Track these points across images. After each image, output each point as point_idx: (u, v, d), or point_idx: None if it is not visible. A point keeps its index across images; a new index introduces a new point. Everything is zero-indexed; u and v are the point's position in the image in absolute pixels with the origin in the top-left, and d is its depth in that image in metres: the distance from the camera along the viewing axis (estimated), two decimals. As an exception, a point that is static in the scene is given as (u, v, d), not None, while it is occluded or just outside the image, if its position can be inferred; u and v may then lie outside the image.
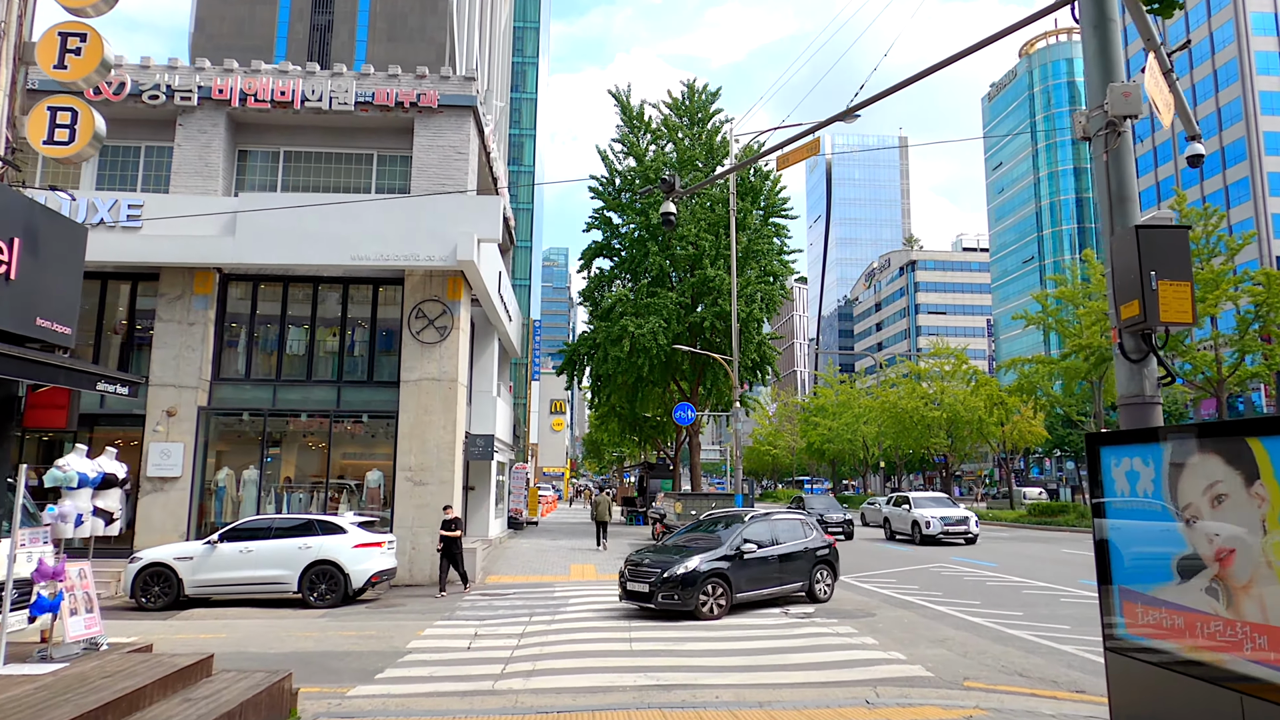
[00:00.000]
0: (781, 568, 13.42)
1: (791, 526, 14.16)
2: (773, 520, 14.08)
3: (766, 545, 13.35)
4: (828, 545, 14.32)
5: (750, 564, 12.90)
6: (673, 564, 12.44)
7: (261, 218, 17.57)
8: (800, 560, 13.69)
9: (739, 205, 28.61)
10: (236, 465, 18.29)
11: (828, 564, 14.13)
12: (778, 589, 13.32)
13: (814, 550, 13.99)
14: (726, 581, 12.45)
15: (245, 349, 18.87)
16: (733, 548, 12.86)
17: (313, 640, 11.23)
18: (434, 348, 18.22)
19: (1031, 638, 10.70)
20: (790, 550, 13.67)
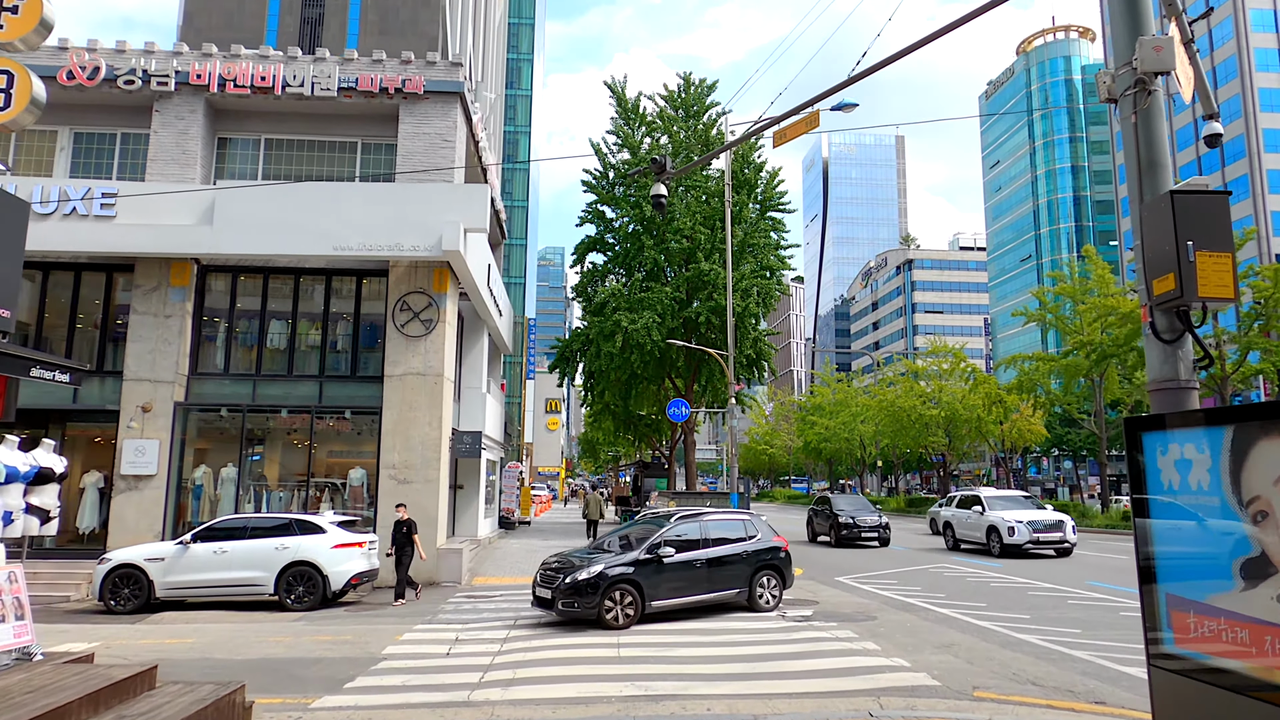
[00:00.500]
0: (711, 573, 12.26)
1: (731, 527, 12.95)
2: (705, 520, 12.82)
3: (693, 548, 12.24)
4: (775, 549, 13.05)
5: (670, 569, 11.82)
6: (578, 568, 11.51)
7: (240, 207, 16.97)
8: (737, 565, 12.50)
9: (735, 199, 28.04)
10: (215, 463, 17.68)
11: (774, 570, 12.83)
12: (705, 596, 12.17)
13: (756, 554, 12.73)
14: (637, 588, 11.44)
15: (224, 343, 18.26)
16: (648, 551, 11.79)
17: (284, 646, 10.63)
18: (419, 341, 17.63)
19: (1041, 643, 10.14)
20: (724, 554, 12.47)
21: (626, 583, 11.46)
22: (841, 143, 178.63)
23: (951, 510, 24.72)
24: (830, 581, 16.96)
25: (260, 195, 17.22)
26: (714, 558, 12.39)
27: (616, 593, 11.37)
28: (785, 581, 13.04)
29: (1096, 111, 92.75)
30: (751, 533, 13.03)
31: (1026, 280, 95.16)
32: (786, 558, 13.20)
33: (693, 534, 12.47)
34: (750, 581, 12.58)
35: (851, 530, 24.92)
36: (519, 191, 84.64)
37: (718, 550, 12.49)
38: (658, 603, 11.69)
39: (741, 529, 13.03)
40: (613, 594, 11.34)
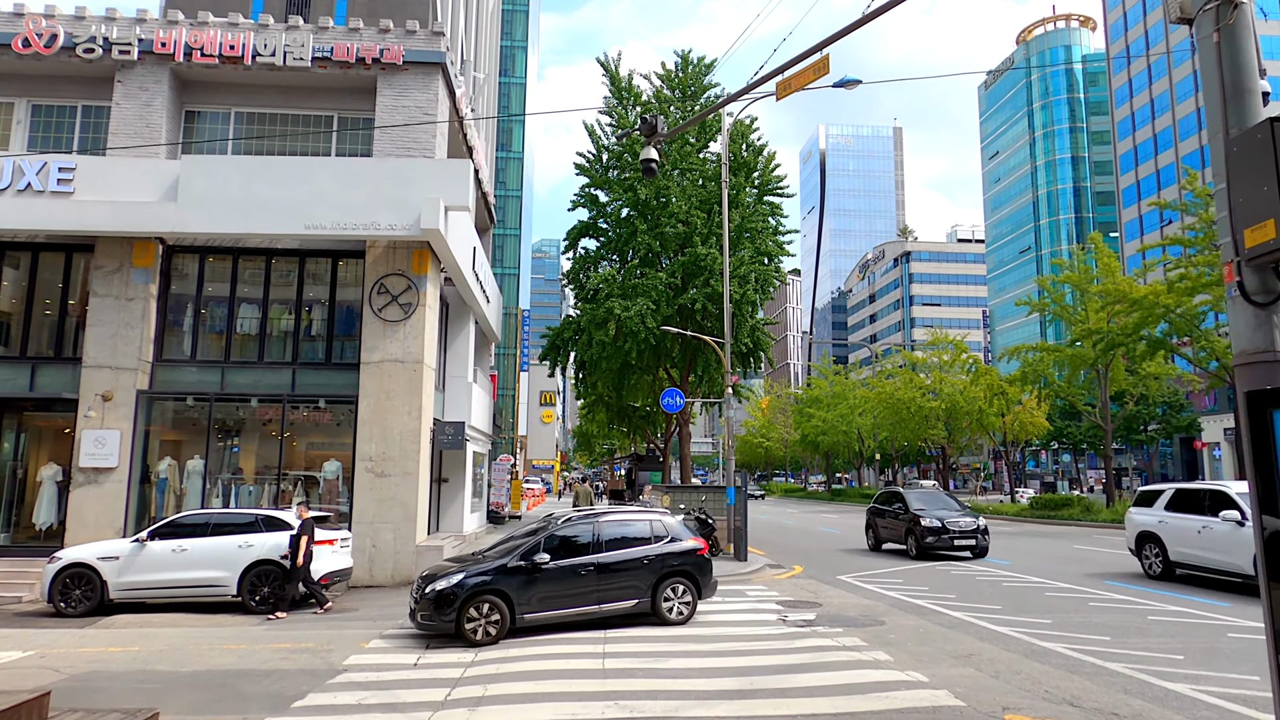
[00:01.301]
0: (602, 581, 10.73)
1: (635, 528, 11.36)
2: (603, 521, 11.26)
3: (582, 552, 10.82)
4: (689, 552, 11.32)
5: (548, 577, 10.46)
6: (439, 577, 10.33)
7: (206, 183, 15.93)
8: (636, 571, 10.93)
9: (732, 181, 27.02)
10: (180, 455, 16.69)
11: (685, 576, 11.16)
12: (594, 608, 10.68)
13: (663, 558, 11.09)
14: (505, 599, 10.19)
15: (191, 328, 17.24)
16: (522, 557, 10.50)
17: (236, 655, 9.67)
18: (397, 326, 16.63)
19: (1069, 652, 9.21)
20: (620, 559, 10.92)
21: (492, 593, 10.18)
22: (839, 134, 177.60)
23: (1174, 517, 16.97)
24: (832, 580, 16.05)
25: (228, 171, 16.18)
26: (606, 563, 10.82)
27: (479, 604, 10.09)
28: (700, 590, 11.28)
29: (1097, 101, 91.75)
30: (661, 534, 11.36)
31: (1026, 272, 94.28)
32: (702, 562, 11.43)
33: (583, 536, 10.98)
34: (654, 590, 10.95)
35: (940, 537, 19.28)
36: (513, 181, 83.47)
37: (613, 555, 10.91)
38: (531, 615, 10.36)
39: (648, 529, 11.37)
40: (475, 606, 10.08)
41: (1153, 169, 72.11)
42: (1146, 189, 72.64)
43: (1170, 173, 69.21)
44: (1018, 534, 28.00)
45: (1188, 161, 66.92)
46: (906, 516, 20.32)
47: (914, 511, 20.11)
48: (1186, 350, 30.23)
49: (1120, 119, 76.99)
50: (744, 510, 18.62)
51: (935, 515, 19.73)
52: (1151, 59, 73.05)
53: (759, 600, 13.31)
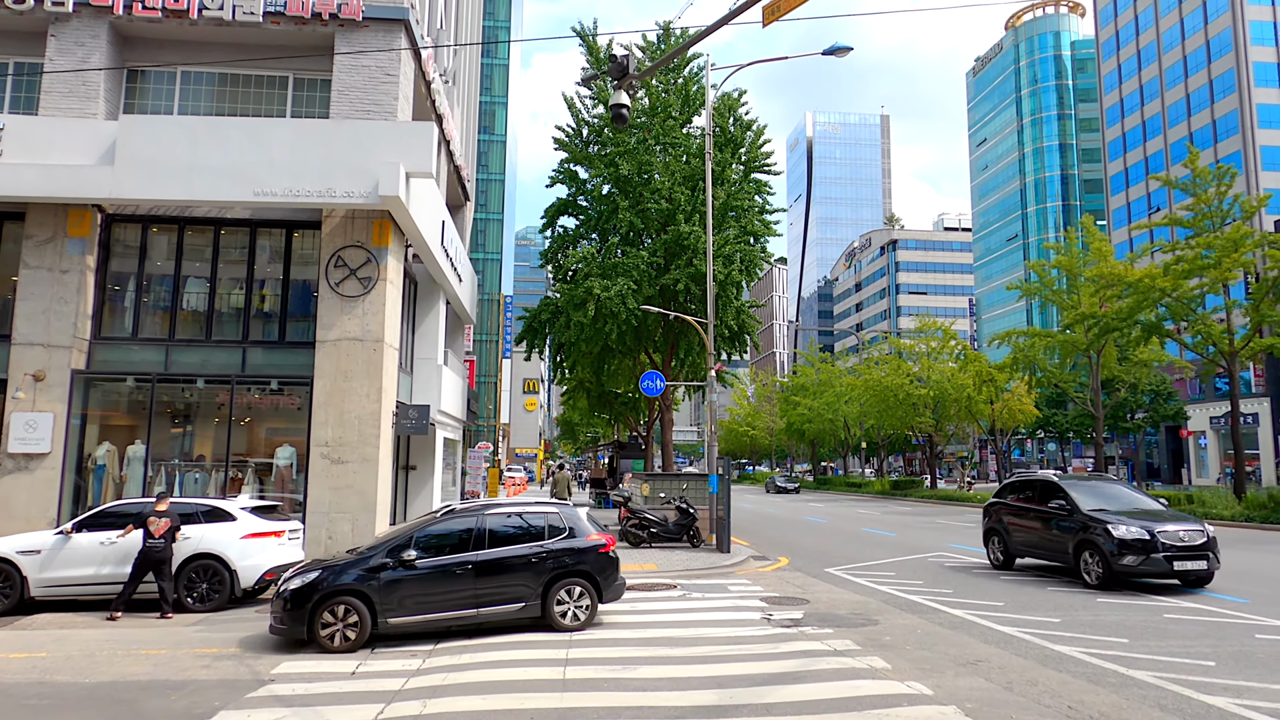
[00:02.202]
0: (483, 582, 9.48)
1: (527, 522, 10.14)
2: (489, 514, 10.04)
3: (461, 549, 9.63)
4: (589, 550, 9.99)
5: (418, 577, 9.29)
6: (293, 576, 9.35)
7: (147, 145, 14.66)
8: (523, 572, 9.68)
9: (718, 157, 25.91)
10: (120, 440, 15.47)
11: (583, 577, 9.88)
12: (471, 613, 9.45)
13: (556, 555, 9.86)
14: (366, 601, 9.05)
15: (133, 303, 15.97)
16: (388, 554, 9.35)
17: (153, 662, 8.57)
18: (356, 302, 15.46)
19: (1086, 657, 8.26)
20: (504, 557, 9.66)
21: (351, 594, 9.05)
22: (826, 122, 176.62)
23: None
24: (819, 573, 15.10)
25: (170, 132, 14.91)
26: (488, 561, 9.59)
27: (335, 607, 8.98)
28: (601, 593, 9.97)
29: (1086, 88, 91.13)
30: (559, 528, 10.14)
31: (1013, 260, 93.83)
32: (604, 561, 10.09)
33: (463, 531, 9.80)
34: (545, 593, 9.73)
35: (1147, 557, 12.24)
36: (496, 164, 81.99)
37: (496, 552, 9.68)
38: (397, 620, 9.19)
39: (543, 524, 10.14)
40: (331, 609, 8.97)
41: (1141, 156, 71.54)
42: (1135, 176, 72.12)
43: (1159, 160, 68.67)
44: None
45: (1177, 148, 66.38)
46: (1075, 521, 13.36)
47: (1089, 514, 13.15)
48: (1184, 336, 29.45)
49: (1109, 105, 76.38)
50: (727, 499, 17.65)
51: (1133, 522, 12.64)
52: (1141, 45, 72.42)
53: (741, 596, 12.32)
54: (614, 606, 11.44)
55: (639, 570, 15.10)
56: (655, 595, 12.47)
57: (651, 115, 26.46)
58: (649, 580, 13.94)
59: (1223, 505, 26.78)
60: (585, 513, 10.65)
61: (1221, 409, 56.38)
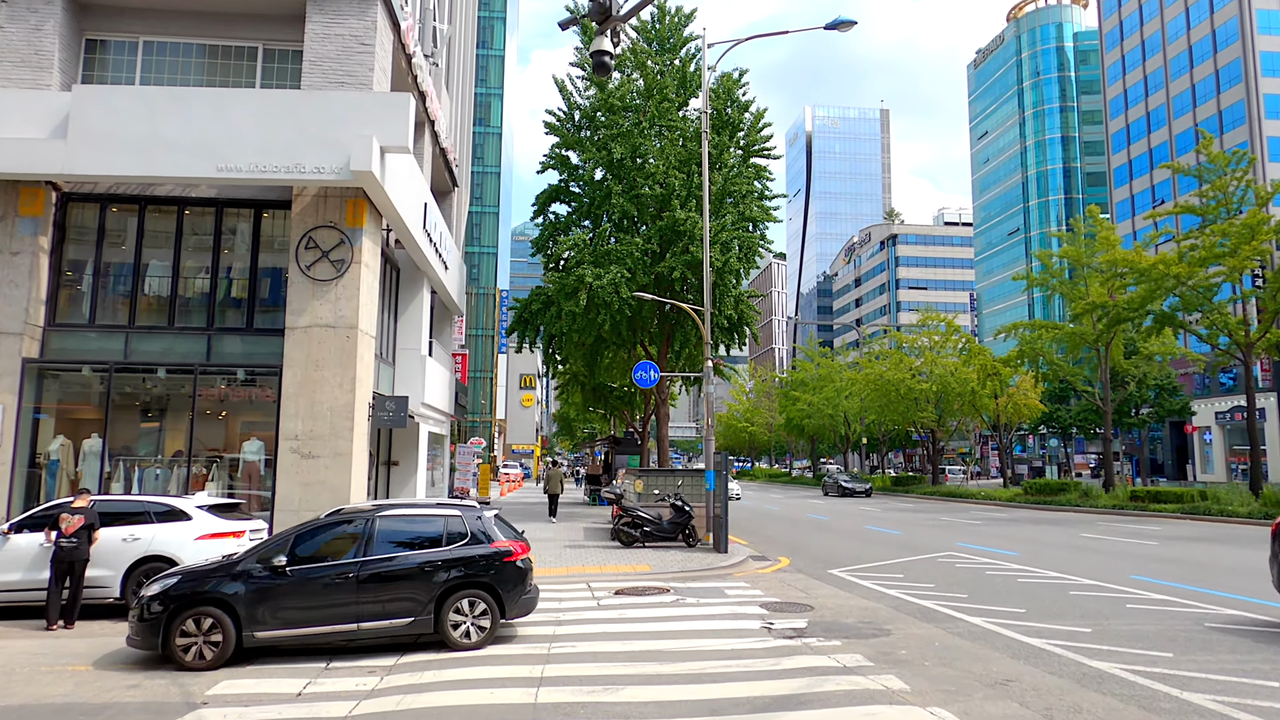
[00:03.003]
0: (365, 592, 8.40)
1: (423, 526, 9.01)
2: (381, 516, 8.92)
3: (344, 555, 8.56)
4: (492, 558, 8.82)
5: (293, 585, 8.27)
6: (154, 581, 8.44)
7: (103, 118, 13.65)
8: (415, 581, 8.55)
9: (715, 140, 24.94)
10: (76, 434, 14.48)
11: (482, 589, 8.73)
12: (351, 627, 8.35)
13: (453, 564, 8.69)
14: (230, 612, 8.07)
15: (90, 288, 14.97)
16: (259, 559, 8.38)
17: (75, 680, 7.60)
18: (328, 286, 14.47)
19: (1129, 675, 7.30)
20: (391, 565, 8.57)
21: (213, 604, 8.08)
22: (825, 116, 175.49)
23: None
24: (823, 575, 14.14)
25: (128, 103, 13.90)
26: (372, 570, 8.49)
27: (194, 618, 8.01)
28: (504, 606, 8.81)
29: (1088, 80, 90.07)
30: (459, 533, 8.95)
31: (1014, 254, 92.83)
32: (509, 572, 8.89)
33: (348, 535, 8.74)
34: (438, 606, 8.57)
35: None
36: (491, 157, 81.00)
37: (382, 560, 8.59)
38: (266, 634, 8.19)
39: (440, 528, 8.96)
40: (191, 620, 8.01)
41: (1145, 148, 70.54)
42: (1139, 169, 71.14)
43: (1164, 152, 67.65)
44: (1015, 521, 26.29)
45: (1182, 140, 65.38)
46: None
47: None
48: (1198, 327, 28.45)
49: (1113, 97, 75.36)
50: (724, 496, 16.68)
51: None
52: (1145, 35, 71.40)
53: (739, 602, 11.36)
54: (604, 613, 10.50)
55: (630, 572, 14.15)
56: (646, 600, 11.52)
57: (647, 97, 25.49)
58: (640, 583, 12.99)
59: (1238, 502, 25.87)
60: (494, 515, 9.45)
61: (1228, 404, 55.48)
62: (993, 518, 27.90)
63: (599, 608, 10.94)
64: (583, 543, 18.36)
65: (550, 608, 10.90)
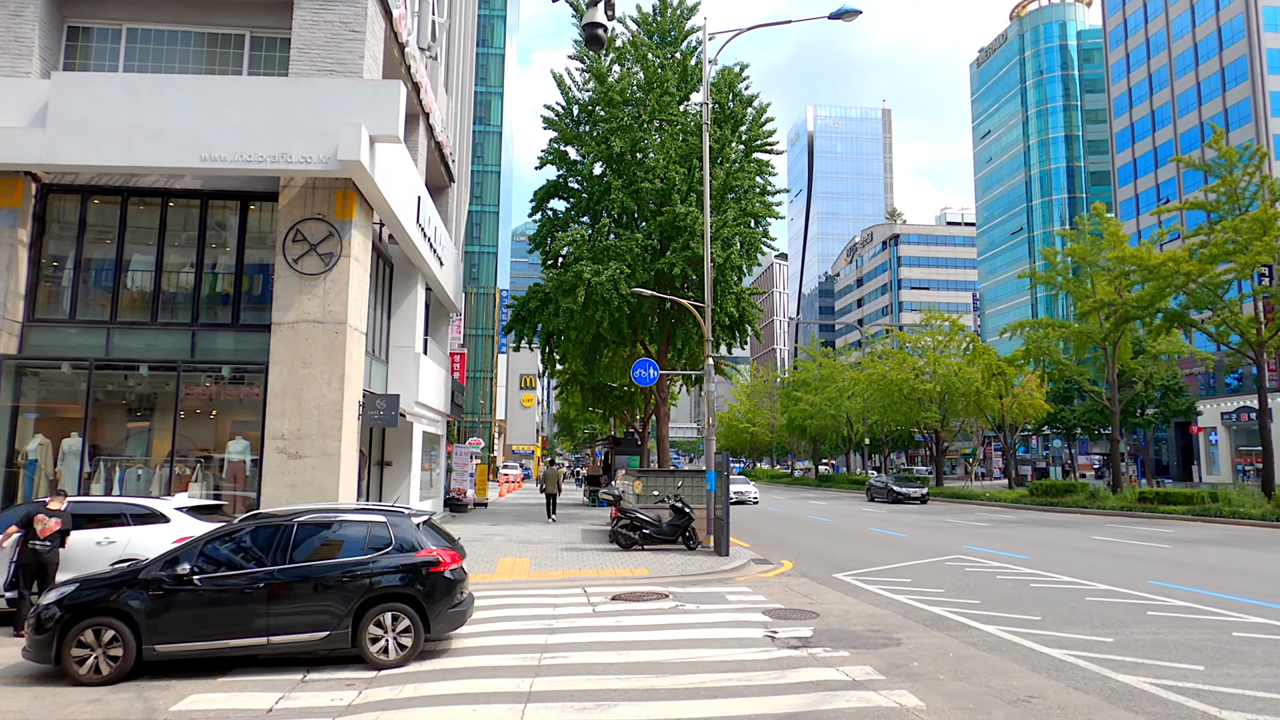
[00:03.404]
0: (277, 604, 7.76)
1: (345, 534, 8.25)
2: (300, 521, 8.24)
3: (252, 563, 7.92)
4: (416, 568, 8.11)
5: (199, 595, 7.66)
6: (55, 587, 8.03)
7: (83, 106, 13.21)
8: (332, 592, 7.88)
9: (717, 134, 24.46)
10: (54, 432, 14.03)
11: (405, 602, 8.02)
12: (261, 641, 7.71)
13: (374, 576, 8.00)
14: (130, 623, 7.51)
15: (71, 282, 14.53)
16: (163, 566, 7.76)
17: (31, 696, 7.13)
18: (316, 280, 14.01)
19: (1161, 691, 6.81)
20: (305, 575, 7.90)
21: (112, 614, 7.52)
22: (827, 116, 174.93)
23: None
24: (827, 580, 13.65)
25: (109, 91, 13.45)
26: (284, 580, 7.83)
27: (95, 629, 7.46)
28: (429, 621, 8.05)
29: (1092, 79, 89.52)
30: (382, 542, 8.23)
31: (1017, 254, 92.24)
32: (435, 583, 8.13)
33: (261, 542, 8.06)
34: (356, 620, 7.90)
35: None
36: (491, 156, 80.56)
37: (296, 569, 7.91)
38: (168, 647, 7.59)
39: (363, 535, 8.24)
40: (90, 631, 7.46)
41: (1150, 146, 70.01)
42: (1143, 167, 70.63)
43: (1169, 150, 67.07)
44: (1023, 523, 25.78)
45: (1187, 138, 64.86)
46: None
47: None
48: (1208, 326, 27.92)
49: (1117, 95, 74.83)
50: (725, 497, 16.19)
51: None
52: (1150, 33, 70.88)
53: (741, 608, 10.87)
54: (599, 620, 10.01)
55: (628, 576, 13.66)
56: (644, 606, 11.03)
57: (647, 91, 25.00)
58: (638, 588, 12.50)
59: (1250, 504, 25.35)
60: (421, 522, 8.68)
61: (1233, 404, 54.91)
62: (999, 519, 27.39)
63: (594, 614, 10.46)
64: (580, 545, 17.88)
65: (544, 614, 10.43)
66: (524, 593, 12.26)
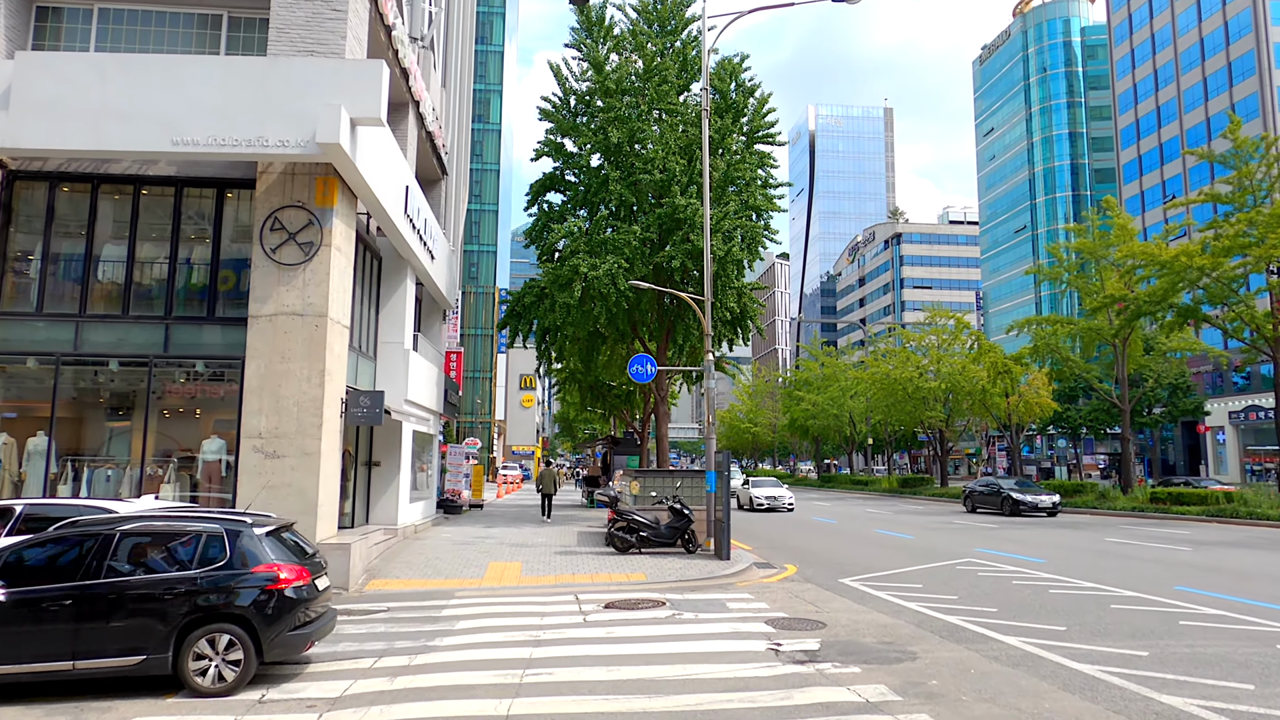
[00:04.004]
0: (86, 623, 6.87)
1: (174, 545, 7.37)
2: (118, 531, 7.31)
3: (61, 577, 7.02)
4: (247, 586, 7.16)
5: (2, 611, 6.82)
6: None
7: (49, 87, 12.50)
8: (149, 612, 6.98)
9: (718, 124, 23.77)
10: (19, 431, 13.33)
11: (236, 623, 7.10)
12: (66, 665, 6.81)
13: (200, 593, 7.07)
14: None
15: (38, 273, 13.81)
16: None
17: (-42, 719, 6.43)
18: (295, 271, 13.31)
19: (1209, 714, 6.10)
20: (116, 591, 6.98)
21: None
22: (829, 115, 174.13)
23: None
24: (833, 585, 12.94)
25: (76, 71, 12.75)
26: (95, 596, 6.93)
27: None
28: (262, 646, 7.11)
29: (1096, 75, 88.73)
30: (214, 555, 7.29)
31: (1021, 252, 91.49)
32: (274, 602, 7.19)
33: (74, 553, 7.15)
34: (178, 643, 6.98)
35: None
36: (490, 154, 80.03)
37: (112, 584, 7.00)
38: None
39: (193, 548, 7.31)
40: None
41: (1155, 143, 69.24)
42: (1149, 164, 69.86)
43: (1174, 146, 66.35)
44: (1032, 524, 25.05)
45: (1193, 134, 64.10)
46: None
47: None
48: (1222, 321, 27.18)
49: (1121, 91, 74.08)
50: (726, 498, 15.49)
51: None
52: (1155, 28, 70.13)
53: (743, 617, 10.17)
54: (590, 631, 9.31)
55: (624, 581, 12.97)
56: (639, 615, 10.34)
57: (646, 80, 24.32)
58: (633, 595, 11.81)
59: (1268, 505, 24.63)
60: (269, 532, 7.71)
61: (1241, 403, 54.16)
62: (1008, 521, 26.67)
63: (585, 624, 9.76)
64: (575, 548, 17.19)
65: (530, 624, 9.73)
66: (512, 600, 11.58)
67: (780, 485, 33.25)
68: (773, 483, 33.65)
